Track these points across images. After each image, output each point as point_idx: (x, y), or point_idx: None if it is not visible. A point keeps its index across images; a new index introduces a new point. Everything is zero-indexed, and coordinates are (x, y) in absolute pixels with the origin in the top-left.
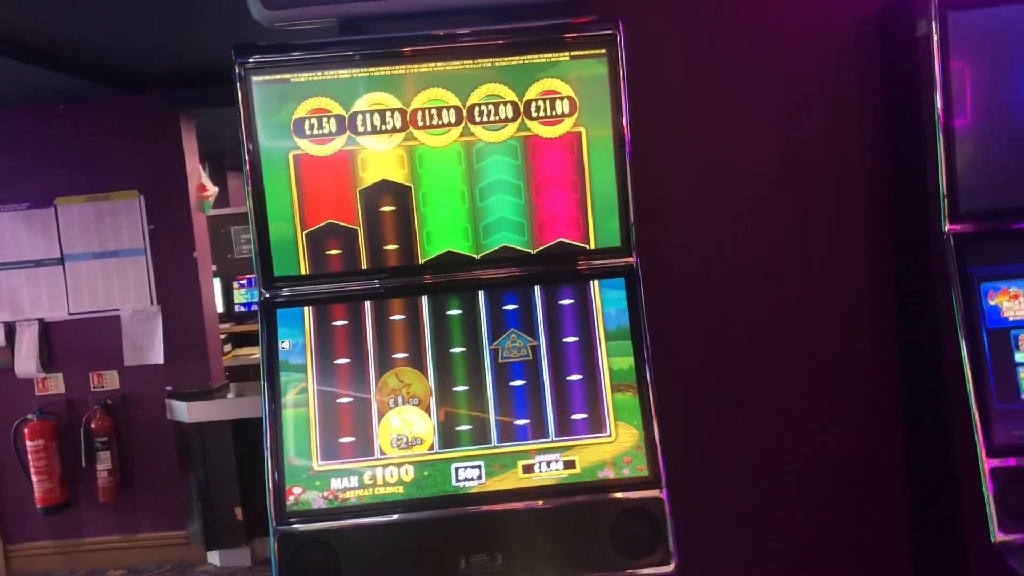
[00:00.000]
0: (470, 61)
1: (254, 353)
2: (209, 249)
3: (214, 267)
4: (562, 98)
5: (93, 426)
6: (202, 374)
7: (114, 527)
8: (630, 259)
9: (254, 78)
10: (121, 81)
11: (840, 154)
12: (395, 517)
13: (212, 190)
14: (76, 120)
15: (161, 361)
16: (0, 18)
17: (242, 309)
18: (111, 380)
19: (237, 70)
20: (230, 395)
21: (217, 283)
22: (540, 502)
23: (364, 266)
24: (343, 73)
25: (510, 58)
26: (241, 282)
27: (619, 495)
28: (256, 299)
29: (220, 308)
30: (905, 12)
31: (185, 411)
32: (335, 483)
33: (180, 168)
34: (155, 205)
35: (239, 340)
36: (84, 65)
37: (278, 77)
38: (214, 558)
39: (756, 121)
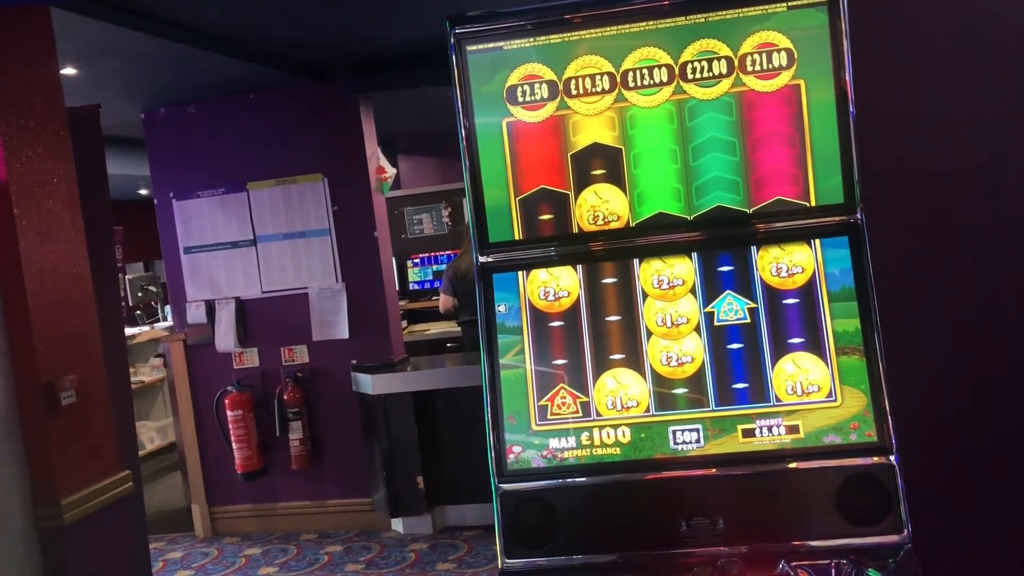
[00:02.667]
0: (681, 17)
1: (429, 329)
2: (388, 228)
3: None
4: (779, 50)
5: (285, 398)
6: (384, 348)
7: (305, 493)
8: (855, 216)
9: (468, 47)
10: (304, 69)
11: None
12: (614, 477)
13: (391, 172)
14: (264, 108)
15: (346, 336)
16: (200, 14)
17: (416, 287)
18: (301, 354)
19: (451, 40)
20: (410, 368)
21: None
22: (762, 467)
23: (575, 230)
24: (554, 38)
25: (723, 12)
26: (415, 261)
27: (846, 461)
28: (429, 277)
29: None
30: None
31: (370, 383)
32: (553, 443)
33: (360, 151)
34: (338, 187)
35: (414, 317)
36: (271, 55)
37: (491, 46)
38: (397, 525)
39: (991, 81)
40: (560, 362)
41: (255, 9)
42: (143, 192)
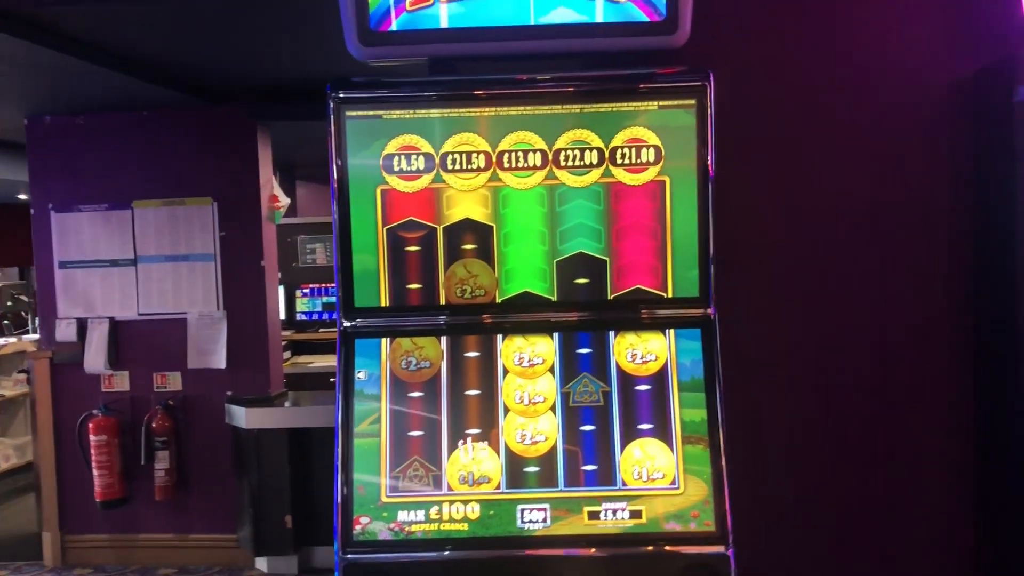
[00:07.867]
0: (558, 106)
1: (313, 361)
2: (276, 258)
3: (279, 275)
4: (648, 146)
5: (154, 425)
6: (262, 381)
7: (167, 526)
8: (708, 310)
9: (347, 112)
10: (204, 92)
11: (928, 210)
12: (459, 554)
13: (284, 201)
14: (157, 127)
15: (223, 366)
16: (102, 31)
17: (303, 318)
18: (174, 382)
19: (331, 104)
20: (288, 403)
21: (281, 291)
22: (605, 550)
23: (442, 301)
24: (434, 112)
25: (598, 105)
26: (304, 291)
27: (684, 548)
28: (318, 309)
29: (282, 316)
30: (1004, 75)
31: (243, 417)
32: (402, 515)
33: (254, 178)
34: (227, 213)
35: (299, 348)
36: (172, 76)
37: (371, 113)
38: (262, 564)
39: (844, 176)
40: (416, 433)
41: (152, 30)
42: (23, 197)
